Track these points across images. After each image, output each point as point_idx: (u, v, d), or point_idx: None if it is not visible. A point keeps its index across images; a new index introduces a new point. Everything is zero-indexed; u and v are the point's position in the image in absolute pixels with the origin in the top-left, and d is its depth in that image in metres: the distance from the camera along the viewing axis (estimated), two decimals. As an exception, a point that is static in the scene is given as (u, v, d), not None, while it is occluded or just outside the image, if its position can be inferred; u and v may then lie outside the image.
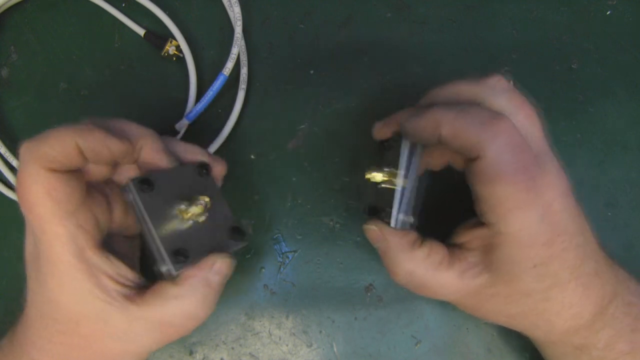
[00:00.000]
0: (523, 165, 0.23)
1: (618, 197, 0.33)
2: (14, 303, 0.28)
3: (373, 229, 0.27)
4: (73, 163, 0.23)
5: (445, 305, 0.33)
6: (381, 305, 0.33)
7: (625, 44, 0.34)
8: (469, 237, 0.26)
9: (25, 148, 0.23)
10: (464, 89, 0.25)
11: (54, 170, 0.23)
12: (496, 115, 0.23)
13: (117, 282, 0.24)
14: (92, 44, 0.36)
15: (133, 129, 0.26)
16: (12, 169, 0.34)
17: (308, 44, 0.35)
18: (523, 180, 0.23)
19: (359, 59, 0.35)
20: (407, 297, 0.33)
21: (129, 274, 0.25)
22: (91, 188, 0.25)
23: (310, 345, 0.33)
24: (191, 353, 0.33)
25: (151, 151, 0.26)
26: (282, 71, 0.35)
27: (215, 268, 0.26)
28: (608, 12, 0.35)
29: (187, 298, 0.24)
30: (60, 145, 0.23)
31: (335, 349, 0.33)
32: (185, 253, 0.25)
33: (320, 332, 0.33)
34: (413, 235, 0.26)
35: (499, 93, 0.24)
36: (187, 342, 0.33)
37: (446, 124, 0.23)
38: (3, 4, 0.35)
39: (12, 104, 0.36)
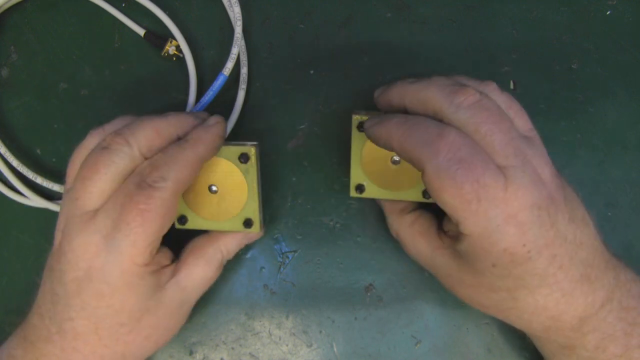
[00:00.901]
0: (467, 179, 0.23)
1: (618, 197, 0.33)
2: (14, 303, 0.29)
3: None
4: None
5: (445, 305, 0.33)
6: (381, 305, 0.33)
7: (625, 44, 0.34)
8: (447, 226, 0.28)
9: (157, 172, 0.25)
10: (432, 100, 0.25)
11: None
12: (441, 132, 0.24)
13: (165, 267, 0.28)
14: (92, 44, 0.36)
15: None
16: (12, 169, 0.34)
17: (308, 44, 0.35)
18: (468, 193, 0.23)
19: (359, 59, 0.35)
20: (407, 297, 0.33)
21: (168, 252, 0.28)
22: None
23: (310, 345, 0.33)
24: (191, 353, 0.33)
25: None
26: (282, 71, 0.35)
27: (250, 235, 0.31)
28: (608, 12, 0.35)
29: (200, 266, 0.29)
30: (190, 169, 0.26)
31: (335, 349, 0.33)
32: None
33: (320, 332, 0.33)
34: (403, 203, 0.31)
35: (461, 112, 0.24)
36: (187, 342, 0.33)
37: (395, 140, 0.25)
38: (3, 4, 0.35)
39: (12, 104, 0.36)
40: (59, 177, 0.34)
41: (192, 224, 0.30)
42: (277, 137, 0.34)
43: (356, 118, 0.29)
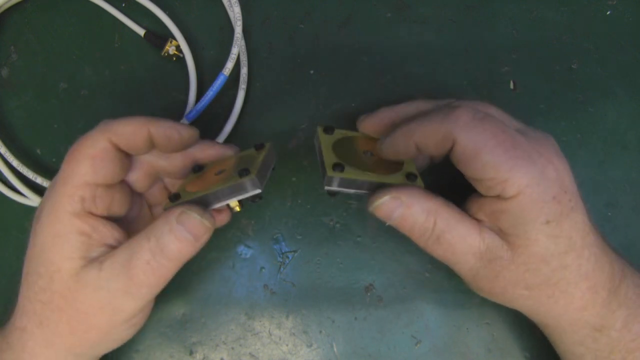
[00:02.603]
0: (498, 133, 0.24)
1: (618, 197, 0.33)
2: (14, 303, 0.28)
3: (384, 201, 0.25)
4: (137, 146, 0.26)
5: (445, 305, 0.33)
6: (381, 305, 0.33)
7: (625, 44, 0.34)
8: (477, 207, 0.26)
9: (102, 122, 0.26)
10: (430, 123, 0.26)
11: (113, 146, 0.26)
12: (453, 105, 0.25)
13: (105, 245, 0.26)
14: (92, 44, 0.36)
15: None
16: (12, 169, 0.34)
17: (308, 44, 0.35)
18: (505, 142, 0.23)
19: (359, 59, 0.35)
20: (407, 297, 0.33)
21: (120, 236, 0.27)
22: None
23: (310, 345, 0.33)
24: (191, 353, 0.33)
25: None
26: (282, 71, 0.35)
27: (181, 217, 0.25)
28: (608, 12, 0.35)
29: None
30: (133, 127, 0.26)
31: (335, 349, 0.33)
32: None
33: (320, 332, 0.33)
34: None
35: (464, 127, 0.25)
36: (187, 342, 0.33)
37: (416, 135, 0.25)
38: (3, 4, 0.35)
39: (12, 104, 0.36)
40: (59, 177, 0.34)
41: (185, 197, 0.26)
42: (277, 137, 0.34)
43: (320, 129, 0.29)
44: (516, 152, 0.23)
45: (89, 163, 0.25)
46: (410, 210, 0.25)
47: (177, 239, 0.25)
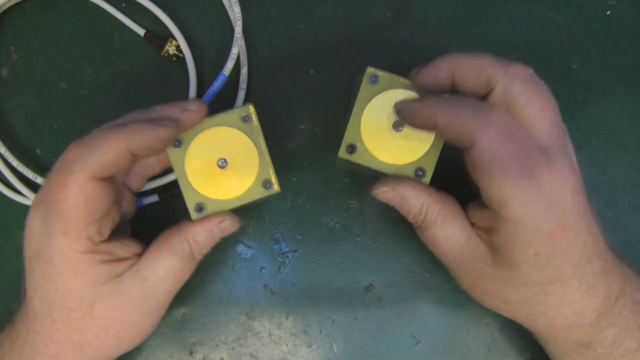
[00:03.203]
0: (520, 154, 0.23)
1: (618, 197, 0.33)
2: (14, 302, 0.28)
3: (383, 191, 0.27)
4: (122, 167, 0.25)
5: (445, 305, 0.33)
6: (381, 305, 0.33)
7: (625, 44, 0.34)
8: (475, 217, 0.26)
9: (74, 153, 0.24)
10: (487, 66, 0.25)
11: (98, 179, 0.24)
12: (489, 106, 0.24)
13: (125, 260, 0.26)
14: (92, 44, 0.36)
15: (174, 108, 0.27)
16: (12, 169, 0.34)
17: (308, 44, 0.35)
18: (521, 167, 0.23)
19: (359, 59, 0.35)
20: (407, 297, 0.33)
21: (134, 247, 0.27)
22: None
23: (310, 345, 0.33)
24: (191, 353, 0.33)
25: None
26: (282, 71, 0.35)
27: (222, 225, 0.28)
28: (608, 12, 0.35)
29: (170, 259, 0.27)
30: (113, 153, 0.24)
31: (335, 349, 0.33)
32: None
33: (320, 332, 0.33)
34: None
35: (517, 82, 0.24)
36: (187, 342, 0.33)
37: (441, 115, 0.24)
38: (3, 4, 0.35)
39: (12, 104, 0.36)
40: (59, 177, 0.34)
41: (211, 209, 0.28)
42: (277, 137, 0.34)
43: (370, 71, 0.28)
44: (527, 182, 0.23)
45: (84, 209, 0.24)
46: (405, 202, 0.27)
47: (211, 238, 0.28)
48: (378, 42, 0.35)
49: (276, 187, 0.29)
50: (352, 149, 0.28)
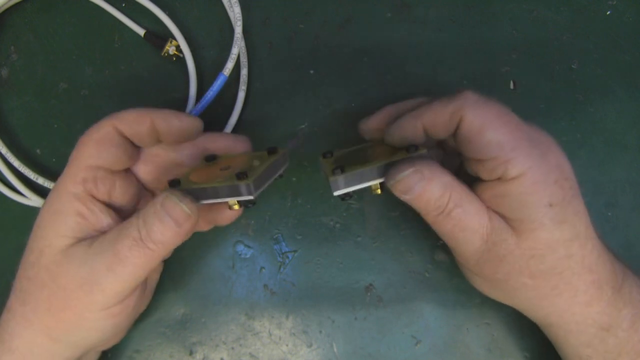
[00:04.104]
0: (503, 114, 0.24)
1: (618, 197, 0.33)
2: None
3: (407, 174, 0.25)
4: (141, 134, 0.27)
5: (445, 305, 0.33)
6: (381, 305, 0.33)
7: (625, 44, 0.34)
8: (478, 194, 0.26)
9: (109, 114, 0.27)
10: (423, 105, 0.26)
11: (118, 132, 0.26)
12: (457, 92, 0.25)
13: (100, 230, 0.26)
14: (92, 44, 0.36)
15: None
16: (12, 169, 0.34)
17: (308, 44, 0.35)
18: (509, 123, 0.24)
19: (359, 59, 0.35)
20: (407, 297, 0.33)
21: (114, 223, 0.27)
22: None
23: (310, 345, 0.33)
24: (191, 353, 0.33)
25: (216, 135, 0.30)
26: (282, 71, 0.35)
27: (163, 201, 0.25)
28: (608, 12, 0.35)
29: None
30: (136, 114, 0.27)
31: (335, 349, 0.33)
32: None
33: (320, 332, 0.33)
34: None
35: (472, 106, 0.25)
36: (187, 342, 0.33)
37: (424, 115, 0.25)
38: (3, 4, 0.35)
39: (12, 104, 0.36)
40: (59, 177, 0.34)
41: (184, 185, 0.26)
42: (277, 137, 0.34)
43: (320, 156, 0.30)
44: (520, 134, 0.24)
45: (93, 145, 0.26)
46: (431, 184, 0.25)
47: (160, 221, 0.24)
48: (378, 42, 0.35)
49: (249, 179, 0.25)
50: (340, 168, 0.25)
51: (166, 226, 0.25)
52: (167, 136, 0.27)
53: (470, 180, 0.26)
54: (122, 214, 0.28)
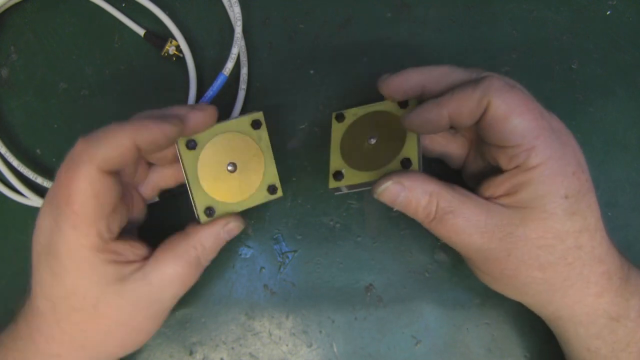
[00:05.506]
0: (530, 99, 0.24)
1: (618, 197, 0.33)
2: (15, 302, 0.28)
3: (387, 186, 0.26)
4: (129, 161, 0.25)
5: (445, 305, 0.33)
6: (381, 305, 0.33)
7: (625, 44, 0.34)
8: (493, 184, 0.26)
9: (82, 147, 0.24)
10: (454, 74, 0.26)
11: (106, 173, 0.24)
12: (483, 75, 0.25)
13: (132, 262, 0.26)
14: (92, 44, 0.36)
15: (182, 109, 0.28)
16: (12, 169, 0.34)
17: (308, 44, 0.35)
18: (535, 109, 0.24)
19: (359, 59, 0.35)
20: (407, 297, 0.33)
21: (141, 250, 0.27)
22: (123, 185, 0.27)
23: (310, 345, 0.33)
24: (191, 353, 0.33)
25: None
26: (282, 71, 0.35)
27: (228, 227, 0.28)
28: (608, 12, 0.35)
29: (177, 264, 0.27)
30: (119, 146, 0.24)
31: (335, 349, 0.33)
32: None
33: (320, 332, 0.33)
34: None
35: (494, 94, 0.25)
36: (187, 342, 0.33)
37: (450, 103, 0.25)
38: (3, 4, 0.35)
39: (12, 104, 0.36)
40: (59, 177, 0.34)
41: (221, 211, 0.29)
42: (277, 137, 0.34)
43: (333, 114, 0.32)
44: (543, 123, 0.24)
45: (93, 202, 0.24)
46: (413, 193, 0.26)
47: (218, 242, 0.28)
48: (378, 42, 0.35)
49: (280, 192, 0.30)
50: (339, 175, 0.30)
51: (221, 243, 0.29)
52: (154, 151, 0.26)
53: (480, 169, 0.27)
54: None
